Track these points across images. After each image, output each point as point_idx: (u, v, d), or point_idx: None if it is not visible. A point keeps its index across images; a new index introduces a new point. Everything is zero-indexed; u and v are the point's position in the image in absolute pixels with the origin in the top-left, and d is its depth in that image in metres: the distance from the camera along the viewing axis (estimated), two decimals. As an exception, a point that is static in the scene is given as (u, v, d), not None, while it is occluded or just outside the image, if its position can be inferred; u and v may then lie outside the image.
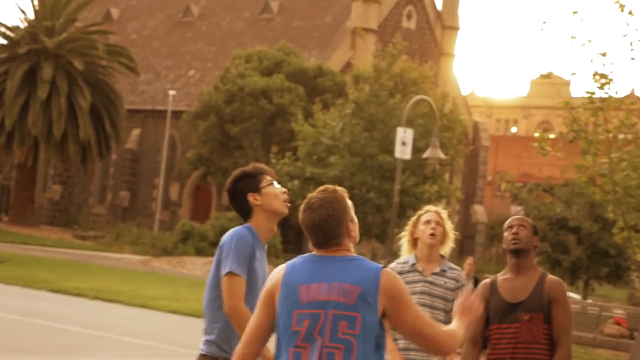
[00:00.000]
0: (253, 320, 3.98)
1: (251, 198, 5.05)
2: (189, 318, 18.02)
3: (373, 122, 32.17)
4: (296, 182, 30.78)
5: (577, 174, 19.44)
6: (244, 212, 5.10)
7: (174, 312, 18.81)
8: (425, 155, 23.53)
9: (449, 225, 6.24)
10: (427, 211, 6.29)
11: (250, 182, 5.08)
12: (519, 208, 40.22)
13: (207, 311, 5.01)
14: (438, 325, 3.96)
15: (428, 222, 6.20)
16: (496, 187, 59.83)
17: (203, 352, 4.97)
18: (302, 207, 4.03)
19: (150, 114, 47.68)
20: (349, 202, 4.05)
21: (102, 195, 49.01)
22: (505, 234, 5.58)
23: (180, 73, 48.76)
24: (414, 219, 6.34)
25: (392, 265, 6.33)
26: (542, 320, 5.41)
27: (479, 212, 49.23)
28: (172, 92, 44.30)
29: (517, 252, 5.53)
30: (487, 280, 5.73)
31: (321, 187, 4.09)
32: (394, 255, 31.77)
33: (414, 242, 6.26)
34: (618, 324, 16.30)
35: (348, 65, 43.28)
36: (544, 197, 31.51)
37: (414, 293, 6.21)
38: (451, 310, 6.04)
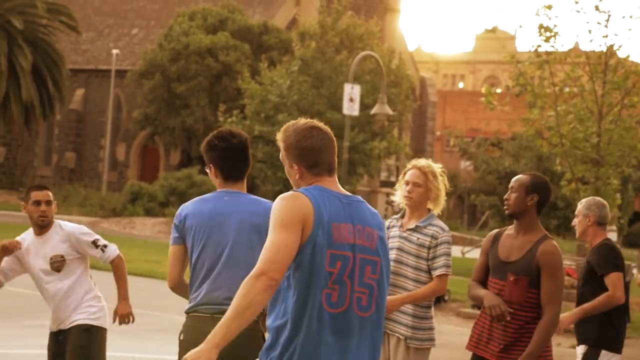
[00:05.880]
0: (293, 247, 3.67)
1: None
2: (140, 278, 17.92)
3: (320, 79, 32.06)
4: (245, 141, 30.60)
5: (525, 128, 19.64)
6: (243, 173, 5.13)
7: (125, 273, 18.65)
8: (373, 111, 23.52)
9: (438, 182, 6.05)
10: (412, 167, 6.10)
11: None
12: (467, 162, 40.62)
13: None
14: None
15: (407, 182, 6.07)
16: (445, 142, 60.26)
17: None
18: (299, 131, 3.84)
19: (93, 74, 47.02)
20: None
21: (48, 156, 48.37)
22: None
23: (123, 32, 48.10)
24: (404, 171, 6.19)
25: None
26: (526, 284, 5.38)
27: (428, 167, 49.26)
28: (115, 51, 43.72)
29: (510, 217, 5.53)
30: (492, 232, 5.72)
31: (290, 122, 3.94)
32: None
33: None
34: (568, 275, 16.51)
35: (293, 22, 43.00)
36: (492, 151, 31.79)
37: (391, 248, 6.15)
38: (420, 268, 5.99)
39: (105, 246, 6.44)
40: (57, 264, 6.36)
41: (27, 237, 6.47)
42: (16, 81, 40.23)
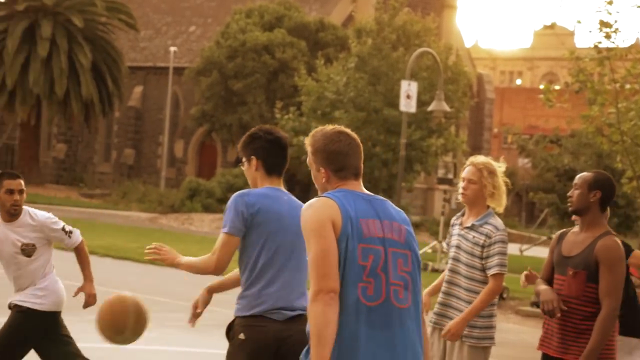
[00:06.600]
0: (333, 250, 3.76)
1: None
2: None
3: (377, 76, 32.00)
4: (302, 138, 30.68)
5: (584, 125, 19.40)
6: (283, 170, 5.16)
7: (184, 268, 18.81)
8: (431, 108, 23.40)
9: (494, 179, 6.02)
10: (469, 165, 6.11)
11: None
12: (526, 160, 40.26)
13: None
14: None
15: (462, 179, 6.10)
16: (502, 139, 59.81)
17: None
18: (327, 135, 3.98)
19: (151, 71, 47.48)
20: None
21: (107, 153, 48.98)
22: None
23: (181, 29, 48.48)
24: (462, 168, 6.25)
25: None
26: (584, 278, 5.41)
27: (485, 164, 48.94)
28: (173, 49, 44.07)
29: (574, 213, 5.61)
30: (560, 231, 5.79)
31: (319, 128, 4.06)
32: (403, 209, 31.80)
33: None
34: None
35: (350, 19, 42.99)
36: (551, 149, 31.37)
37: (451, 246, 6.17)
38: (474, 266, 6.00)
39: (71, 232, 6.70)
40: (29, 250, 6.58)
41: None
42: (76, 79, 40.82)
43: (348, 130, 4.02)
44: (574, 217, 5.88)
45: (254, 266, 4.99)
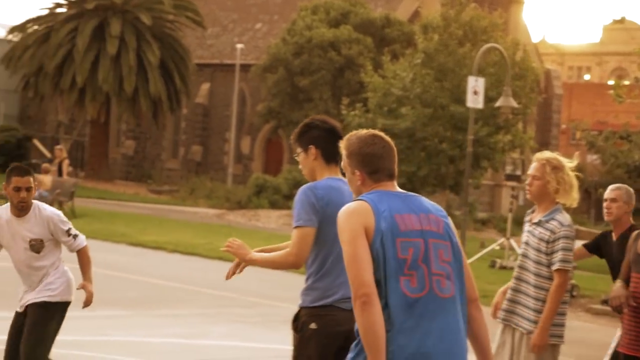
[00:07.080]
0: (363, 255, 3.85)
1: None
2: (267, 270, 18.14)
3: (443, 72, 31.83)
4: (368, 134, 30.59)
5: (656, 120, 19.12)
6: (339, 159, 5.12)
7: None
8: (498, 104, 23.23)
9: (559, 175, 5.98)
10: (534, 161, 6.12)
11: None
12: (595, 156, 39.77)
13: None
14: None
15: (528, 175, 6.12)
16: (571, 135, 59.06)
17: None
18: (362, 139, 4.04)
19: (218, 68, 47.81)
20: None
21: (175, 149, 49.47)
22: None
23: (247, 26, 48.74)
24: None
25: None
26: None
27: (553, 161, 48.37)
28: (239, 46, 44.32)
29: None
30: (637, 230, 5.81)
31: (353, 132, 4.13)
32: (469, 205, 31.47)
33: None
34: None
35: (416, 15, 42.80)
36: (621, 145, 30.92)
37: (522, 242, 6.19)
38: (541, 262, 5.97)
39: (76, 235, 6.65)
40: (37, 246, 6.56)
41: (3, 213, 6.64)
42: (144, 76, 41.31)
43: (382, 134, 4.10)
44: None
45: (325, 258, 5.00)
